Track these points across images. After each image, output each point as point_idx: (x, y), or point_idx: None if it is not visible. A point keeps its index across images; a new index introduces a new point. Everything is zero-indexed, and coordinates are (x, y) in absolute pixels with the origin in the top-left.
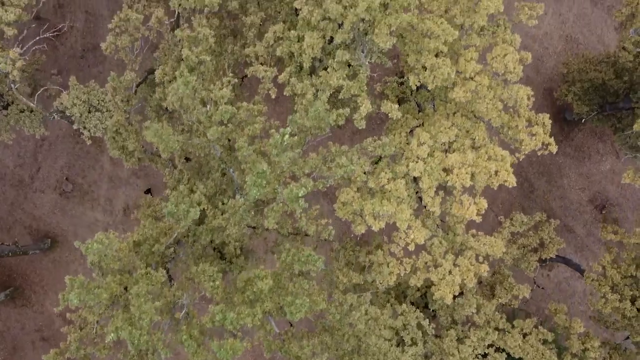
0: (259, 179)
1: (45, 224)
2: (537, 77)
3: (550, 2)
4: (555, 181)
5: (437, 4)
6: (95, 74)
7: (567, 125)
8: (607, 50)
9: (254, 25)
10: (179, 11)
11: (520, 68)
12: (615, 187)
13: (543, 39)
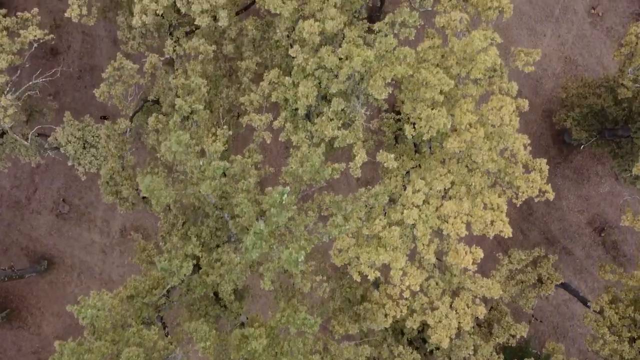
0: (258, 240)
1: (42, 245)
2: (536, 99)
3: (549, 23)
4: (554, 203)
5: (433, 53)
6: (92, 95)
7: (566, 148)
8: (607, 71)
9: (249, 70)
10: (173, 57)
11: (516, 120)
12: (614, 210)
13: (542, 60)
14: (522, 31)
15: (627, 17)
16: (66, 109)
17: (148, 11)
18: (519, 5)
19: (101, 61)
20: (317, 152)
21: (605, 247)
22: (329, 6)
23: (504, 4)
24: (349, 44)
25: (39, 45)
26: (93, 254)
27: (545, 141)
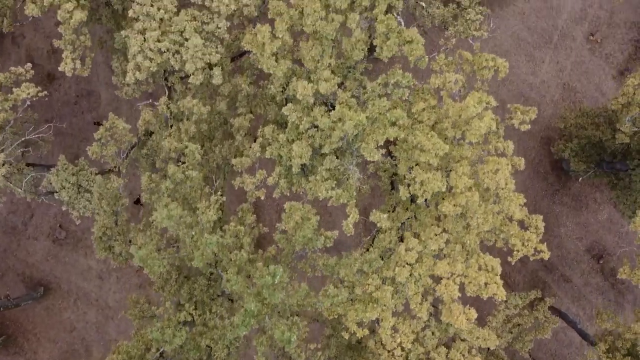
0: (247, 319)
1: (39, 271)
2: (535, 126)
3: (548, 50)
4: (552, 230)
5: (428, 114)
6: (89, 120)
7: (564, 175)
8: (605, 98)
9: (243, 128)
10: (167, 114)
11: (512, 182)
12: (613, 237)
13: (540, 87)
14: (521, 57)
15: (625, 44)
16: (63, 135)
17: (142, 68)
18: (518, 32)
19: (98, 86)
20: (311, 220)
21: (604, 275)
22: (323, 67)
23: (499, 64)
24: (341, 105)
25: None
26: (90, 280)
27: (543, 168)
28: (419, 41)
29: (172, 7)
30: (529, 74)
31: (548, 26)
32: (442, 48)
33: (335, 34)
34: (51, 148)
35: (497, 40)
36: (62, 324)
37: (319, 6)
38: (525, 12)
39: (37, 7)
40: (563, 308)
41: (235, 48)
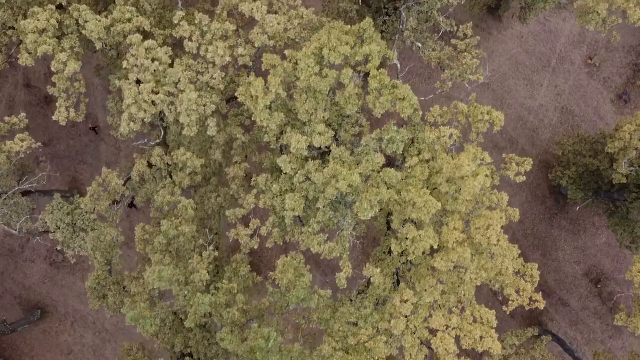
0: None
1: (35, 293)
2: (532, 149)
3: (546, 74)
4: (550, 254)
5: (421, 169)
6: (86, 142)
7: (562, 198)
8: (603, 121)
9: (238, 177)
10: (161, 166)
11: (505, 238)
12: (611, 261)
13: (538, 110)
14: (519, 81)
15: (624, 67)
16: (60, 157)
17: (136, 119)
18: (516, 55)
19: (95, 109)
20: (304, 280)
21: (602, 299)
22: (317, 120)
23: (494, 117)
24: (335, 160)
25: (33, 93)
26: (86, 303)
27: (541, 192)
28: (412, 98)
29: (167, 58)
30: (527, 98)
31: (546, 50)
32: (438, 91)
33: (329, 89)
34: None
35: (496, 63)
36: (58, 347)
37: (313, 61)
38: (523, 35)
39: (30, 57)
40: (560, 332)
41: (231, 90)
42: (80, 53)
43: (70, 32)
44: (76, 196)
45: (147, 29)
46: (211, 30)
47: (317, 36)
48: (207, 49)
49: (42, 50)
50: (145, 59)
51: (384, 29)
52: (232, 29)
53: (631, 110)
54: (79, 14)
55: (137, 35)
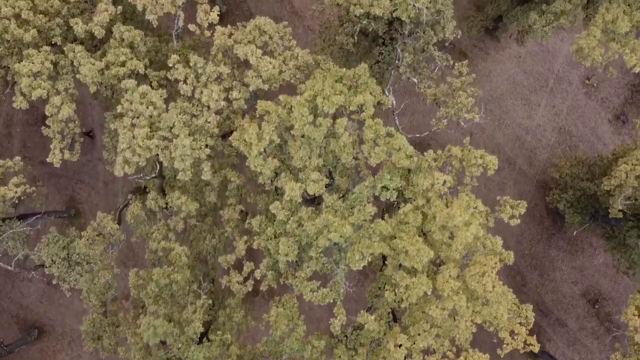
0: None
1: (33, 313)
2: (530, 169)
3: (543, 93)
4: (547, 274)
5: (414, 216)
6: (84, 162)
7: (560, 219)
8: (601, 142)
9: (233, 220)
10: (155, 210)
11: (500, 284)
12: (609, 281)
13: (536, 130)
14: (517, 101)
15: (621, 88)
16: (58, 176)
17: (130, 163)
18: (514, 75)
19: (94, 128)
20: (297, 331)
21: (599, 319)
22: (312, 167)
23: (488, 161)
24: (327, 210)
25: (31, 112)
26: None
27: (539, 212)
28: (407, 149)
29: (161, 103)
30: (525, 118)
31: (544, 70)
32: (434, 128)
33: (323, 138)
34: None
35: (493, 83)
36: None
37: (307, 110)
38: (521, 55)
39: (25, 100)
40: (558, 353)
41: (226, 127)
42: (75, 94)
43: (65, 72)
44: (72, 228)
45: (141, 72)
46: (206, 72)
47: (312, 83)
48: (202, 91)
49: (36, 94)
50: (139, 104)
51: (381, 59)
52: (227, 71)
53: (629, 131)
54: (74, 55)
55: (132, 81)
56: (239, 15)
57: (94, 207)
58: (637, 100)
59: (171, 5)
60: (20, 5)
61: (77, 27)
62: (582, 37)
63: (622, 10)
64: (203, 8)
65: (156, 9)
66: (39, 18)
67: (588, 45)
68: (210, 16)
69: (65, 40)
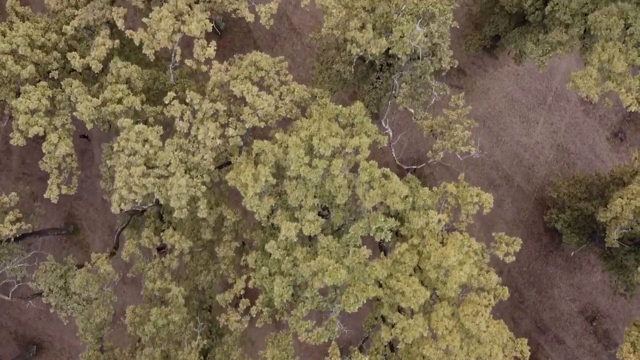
0: None
1: (31, 329)
2: (528, 187)
3: (542, 111)
4: (545, 292)
5: (410, 256)
6: (83, 178)
7: (558, 236)
8: (599, 159)
9: (228, 257)
10: (150, 247)
11: (495, 323)
12: (606, 299)
13: (534, 148)
14: (515, 119)
15: (619, 106)
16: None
17: (127, 201)
18: (512, 93)
19: (92, 145)
20: None
21: (597, 337)
22: (307, 207)
23: (484, 199)
24: (322, 252)
25: None
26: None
27: (537, 229)
28: (402, 192)
29: (157, 141)
30: (523, 135)
31: (542, 87)
32: (430, 160)
33: (319, 179)
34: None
35: (492, 101)
36: None
37: (303, 152)
38: (519, 73)
39: (22, 137)
40: None
41: (222, 158)
42: (72, 129)
43: (63, 107)
44: (70, 255)
45: (138, 109)
46: (202, 109)
47: (308, 123)
48: (198, 128)
49: (33, 132)
50: (135, 142)
51: (378, 85)
52: (223, 108)
53: (627, 148)
54: (71, 90)
55: (128, 120)
56: (237, 33)
57: (93, 223)
58: (635, 117)
59: (168, 41)
60: (17, 42)
61: (75, 62)
62: (579, 76)
63: (618, 49)
64: (200, 43)
65: (153, 44)
66: (36, 53)
67: (584, 85)
68: (207, 51)
69: (63, 70)
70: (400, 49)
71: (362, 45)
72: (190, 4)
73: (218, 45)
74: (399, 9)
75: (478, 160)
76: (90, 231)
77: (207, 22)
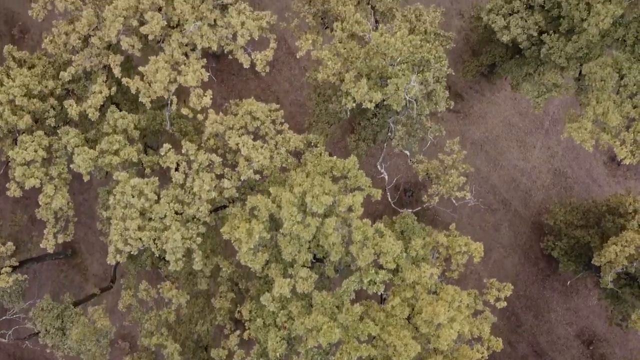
0: None
1: (30, 352)
2: (526, 211)
3: (539, 135)
4: (542, 315)
5: (401, 309)
6: (81, 201)
7: (555, 260)
8: (597, 184)
9: (224, 309)
10: (146, 299)
11: None
12: (603, 323)
13: (531, 172)
14: (512, 143)
15: None
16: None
17: (122, 253)
18: (509, 117)
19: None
20: None
21: None
22: (301, 262)
23: (473, 249)
24: (316, 309)
25: None
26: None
27: (534, 253)
28: (395, 251)
29: (153, 195)
30: (520, 159)
31: (539, 112)
32: (425, 205)
33: (312, 237)
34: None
35: (489, 125)
36: None
37: (296, 210)
38: (516, 97)
39: (18, 187)
40: None
41: (218, 203)
42: (68, 178)
43: (59, 155)
44: (66, 294)
45: (134, 160)
46: (198, 160)
47: (301, 178)
48: (193, 179)
49: (30, 184)
50: (131, 196)
51: (375, 122)
52: (219, 160)
53: (624, 172)
54: (68, 140)
55: (124, 174)
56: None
57: (91, 246)
58: None
59: (164, 91)
60: (14, 92)
61: (72, 110)
62: (574, 129)
63: (613, 101)
64: (196, 92)
65: (149, 93)
66: (33, 103)
67: (579, 137)
68: (204, 100)
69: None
70: (395, 102)
71: (358, 99)
72: (186, 52)
73: (215, 70)
74: (394, 60)
75: (476, 184)
76: (89, 254)
77: (203, 72)
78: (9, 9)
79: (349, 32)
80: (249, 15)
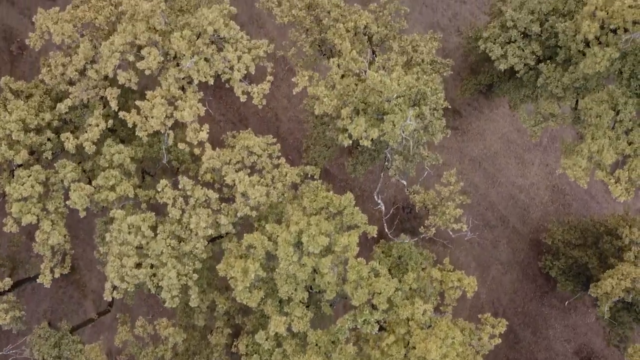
0: None
1: None
2: (524, 228)
3: (537, 152)
4: (540, 332)
5: (397, 349)
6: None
7: (553, 278)
8: (595, 200)
9: (220, 345)
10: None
11: None
12: (601, 340)
13: (529, 189)
14: (510, 160)
15: None
16: None
17: (119, 290)
18: (507, 134)
19: None
20: None
21: None
22: (297, 300)
23: (465, 284)
24: (311, 347)
25: None
26: None
27: (532, 270)
28: (389, 292)
29: (150, 232)
30: (519, 176)
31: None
32: (422, 235)
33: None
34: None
35: (487, 142)
36: None
37: (292, 250)
38: (515, 114)
39: (15, 223)
40: None
41: (216, 233)
42: (64, 212)
43: (56, 190)
44: (64, 321)
45: (131, 195)
46: (195, 196)
47: (297, 217)
48: (190, 215)
49: (26, 220)
50: (127, 234)
51: (372, 148)
52: (215, 196)
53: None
54: (64, 175)
55: (120, 212)
56: None
57: (90, 262)
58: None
59: (160, 126)
60: (10, 127)
61: (68, 143)
62: (569, 165)
63: (608, 138)
64: (193, 127)
65: (146, 127)
66: (30, 137)
67: (574, 175)
68: (200, 134)
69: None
70: (392, 138)
71: (354, 137)
72: (183, 86)
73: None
74: (390, 97)
75: (474, 201)
76: (87, 270)
77: (199, 107)
78: (7, 25)
79: (345, 68)
80: (246, 45)
